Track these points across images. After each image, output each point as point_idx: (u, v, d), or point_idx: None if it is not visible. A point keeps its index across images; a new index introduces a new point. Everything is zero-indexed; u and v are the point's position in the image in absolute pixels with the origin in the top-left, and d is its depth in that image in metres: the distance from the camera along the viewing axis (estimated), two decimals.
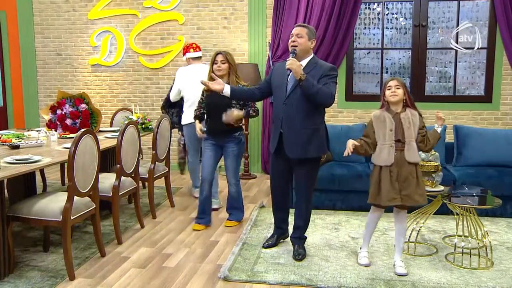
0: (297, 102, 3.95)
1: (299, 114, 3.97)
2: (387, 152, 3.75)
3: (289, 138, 4.01)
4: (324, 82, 3.90)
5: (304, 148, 4.01)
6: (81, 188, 3.86)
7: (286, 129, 4.01)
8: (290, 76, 3.99)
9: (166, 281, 3.74)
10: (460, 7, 7.18)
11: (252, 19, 7.46)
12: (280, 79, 4.08)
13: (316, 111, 4.02)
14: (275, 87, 4.14)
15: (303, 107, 3.95)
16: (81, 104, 5.64)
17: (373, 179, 3.84)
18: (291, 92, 3.97)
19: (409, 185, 3.77)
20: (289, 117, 3.99)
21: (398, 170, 3.75)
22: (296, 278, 3.77)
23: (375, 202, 3.85)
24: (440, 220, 5.12)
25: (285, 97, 4.00)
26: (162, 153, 5.50)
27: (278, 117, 4.07)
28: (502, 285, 3.70)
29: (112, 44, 7.92)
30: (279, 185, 4.34)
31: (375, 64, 7.50)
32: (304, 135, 3.99)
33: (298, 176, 4.21)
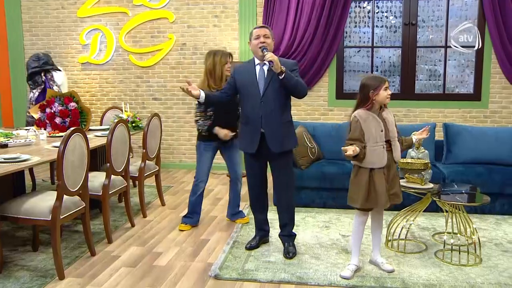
0: (274, 98, 4.03)
1: (277, 109, 4.06)
2: (381, 154, 3.66)
3: (272, 134, 4.07)
4: (295, 75, 4.03)
5: (285, 141, 4.12)
6: (70, 187, 3.84)
7: (267, 126, 4.06)
8: (259, 75, 4.06)
9: (156, 280, 3.73)
10: (449, 6, 7.22)
11: (243, 17, 7.45)
12: (249, 79, 4.11)
13: (288, 105, 4.19)
14: (244, 88, 4.15)
15: (279, 102, 4.06)
16: (71, 103, 5.61)
17: (362, 183, 3.68)
18: (266, 89, 4.03)
19: (396, 184, 3.78)
20: (269, 114, 4.05)
21: (388, 171, 3.74)
22: (287, 276, 3.77)
23: (368, 206, 3.73)
24: (429, 218, 5.14)
25: (260, 95, 4.04)
26: (152, 151, 5.48)
27: (256, 117, 4.08)
28: (490, 281, 3.72)
29: (102, 42, 7.87)
30: (257, 186, 4.35)
31: (365, 63, 7.51)
32: (283, 128, 4.11)
33: (278, 171, 4.23)
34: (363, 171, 3.69)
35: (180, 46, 7.70)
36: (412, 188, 4.33)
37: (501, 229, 4.83)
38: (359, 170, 3.73)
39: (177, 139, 7.90)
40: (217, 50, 4.94)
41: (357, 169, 3.74)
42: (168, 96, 7.83)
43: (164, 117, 7.71)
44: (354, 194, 3.75)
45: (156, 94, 7.85)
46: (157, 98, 7.86)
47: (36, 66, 6.98)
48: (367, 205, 3.71)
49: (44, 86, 7.01)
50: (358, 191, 3.70)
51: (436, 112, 7.25)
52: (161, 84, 7.81)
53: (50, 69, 7.11)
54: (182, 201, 5.96)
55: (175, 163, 7.94)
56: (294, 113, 7.08)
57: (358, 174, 3.73)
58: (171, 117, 7.85)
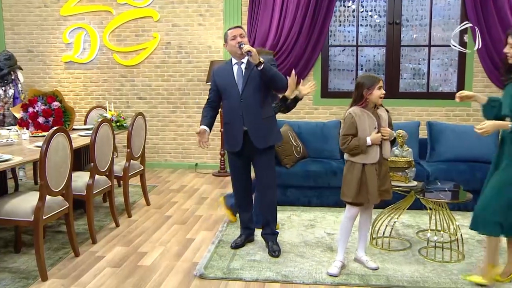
0: (253, 95, 4.08)
1: (257, 106, 4.10)
2: (374, 150, 3.72)
3: (254, 130, 4.10)
4: None
5: (268, 137, 4.17)
6: (53, 187, 3.80)
7: (250, 123, 4.09)
8: (237, 74, 4.11)
9: (141, 280, 3.71)
10: (433, 5, 7.26)
11: (228, 16, 7.43)
12: (228, 80, 4.17)
13: (268, 101, 4.22)
14: (224, 89, 4.20)
15: (259, 99, 4.11)
16: (54, 102, 5.55)
17: (354, 178, 3.73)
18: (244, 87, 4.08)
19: (387, 180, 3.83)
20: (249, 112, 4.09)
21: (380, 167, 3.78)
22: (272, 275, 3.78)
23: (359, 201, 3.77)
24: (413, 215, 5.17)
25: (240, 94, 4.09)
26: (137, 151, 5.45)
27: (237, 115, 4.12)
28: None
29: (86, 41, 7.81)
30: (242, 185, 4.36)
31: (350, 61, 7.53)
32: (266, 124, 4.15)
33: (260, 169, 4.24)
34: (355, 166, 3.75)
35: (165, 45, 7.66)
36: (396, 186, 4.34)
37: None
38: (351, 165, 3.78)
39: (162, 138, 7.86)
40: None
41: (350, 164, 3.80)
42: (153, 95, 7.79)
43: (149, 116, 7.68)
44: (346, 188, 3.81)
45: (141, 93, 7.81)
46: (142, 97, 7.81)
47: (12, 65, 6.92)
48: (359, 199, 3.76)
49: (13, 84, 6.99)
50: (350, 186, 3.76)
51: (420, 111, 7.29)
52: (146, 83, 7.77)
53: (16, 68, 7.06)
54: (167, 200, 5.94)
55: (160, 163, 7.91)
56: None
57: (351, 169, 3.78)
58: (156, 116, 7.81)
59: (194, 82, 7.65)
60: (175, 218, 5.24)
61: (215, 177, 7.26)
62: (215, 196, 6.16)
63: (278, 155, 5.37)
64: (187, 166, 7.83)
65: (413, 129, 5.82)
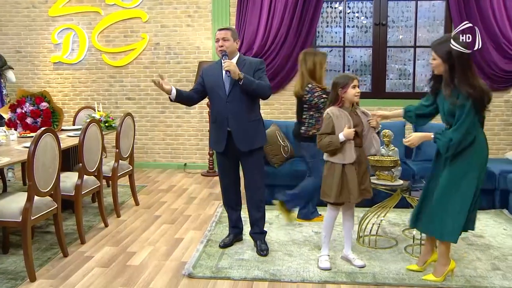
0: (239, 98, 4.06)
1: (243, 109, 4.08)
2: (350, 149, 3.74)
3: (238, 133, 4.09)
4: (259, 76, 4.08)
5: (253, 139, 4.15)
6: (41, 188, 3.77)
7: (235, 125, 4.08)
8: (225, 76, 4.07)
9: (130, 280, 3.69)
10: (418, 7, 7.31)
11: (216, 17, 7.42)
12: (216, 80, 4.15)
13: (255, 103, 4.20)
14: (211, 89, 4.19)
15: (245, 102, 4.08)
16: (42, 103, 5.53)
17: (335, 178, 3.75)
18: (231, 90, 4.07)
19: (366, 179, 3.86)
20: (235, 114, 4.08)
21: (359, 166, 3.80)
22: (260, 273, 3.77)
23: (340, 201, 3.79)
24: (400, 214, 5.19)
25: (226, 96, 4.08)
26: (125, 151, 5.42)
27: (222, 116, 4.11)
28: (457, 273, 3.78)
29: (74, 41, 7.76)
30: (230, 184, 4.35)
31: (337, 62, 7.55)
32: (251, 127, 4.13)
33: (248, 169, 4.24)
34: (336, 167, 3.76)
35: (154, 45, 7.64)
36: (382, 185, 4.37)
37: None
38: (331, 166, 3.79)
39: (151, 138, 7.84)
40: (314, 50, 4.91)
41: (330, 165, 3.81)
42: (141, 95, 7.76)
43: (138, 117, 7.65)
44: (327, 189, 3.81)
45: (130, 93, 7.77)
46: (131, 98, 7.78)
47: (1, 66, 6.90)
48: (340, 199, 3.78)
49: None
50: (331, 186, 3.77)
51: None
52: (134, 84, 7.74)
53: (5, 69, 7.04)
54: (156, 200, 5.92)
55: (149, 163, 7.88)
56: (267, 112, 7.15)
57: (331, 170, 3.79)
58: (145, 116, 7.79)
59: (183, 82, 7.62)
60: (164, 218, 5.22)
61: (204, 177, 7.24)
62: (204, 195, 6.16)
63: (266, 155, 5.37)
64: (176, 166, 7.81)
65: (399, 128, 5.84)
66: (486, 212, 5.42)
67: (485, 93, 3.34)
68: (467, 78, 3.33)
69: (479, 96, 3.31)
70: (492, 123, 7.28)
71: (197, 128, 7.71)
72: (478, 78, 3.40)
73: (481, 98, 3.33)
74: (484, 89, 3.34)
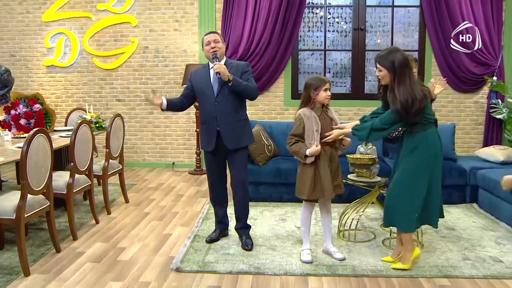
0: (227, 99, 4.10)
1: (231, 109, 4.12)
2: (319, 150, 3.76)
3: (227, 132, 4.12)
4: (246, 78, 4.13)
5: (240, 138, 4.18)
6: (34, 186, 3.74)
7: (223, 125, 4.11)
8: (213, 78, 4.11)
9: (120, 274, 3.67)
10: (394, 13, 7.36)
11: (202, 22, 7.41)
12: (204, 83, 4.18)
13: (242, 104, 4.22)
14: (200, 91, 4.21)
15: (233, 103, 4.12)
16: (35, 104, 5.50)
17: (308, 175, 3.78)
18: (219, 91, 4.09)
19: (338, 176, 3.88)
20: (223, 114, 4.10)
21: (331, 164, 3.82)
22: (245, 267, 3.78)
23: (314, 197, 3.83)
24: (377, 209, 5.20)
25: (215, 97, 4.10)
26: (115, 150, 5.39)
27: (211, 117, 4.13)
28: (430, 264, 3.84)
29: (67, 45, 7.70)
30: (217, 181, 4.37)
31: (318, 65, 7.58)
32: (238, 127, 4.16)
33: (235, 167, 4.25)
34: (307, 165, 3.79)
35: (143, 49, 7.61)
36: (361, 182, 4.40)
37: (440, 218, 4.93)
38: (304, 164, 3.82)
39: (140, 138, 7.80)
40: None
41: (303, 164, 3.83)
42: (131, 97, 7.72)
43: (127, 118, 7.62)
44: (301, 186, 3.85)
45: (120, 95, 7.73)
46: (121, 100, 7.74)
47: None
48: (314, 195, 3.81)
49: None
50: (305, 183, 3.80)
51: None
52: (124, 86, 7.70)
53: None
54: (145, 198, 5.90)
55: (138, 162, 7.84)
56: (251, 112, 7.15)
57: (305, 168, 3.81)
58: (134, 117, 7.75)
59: (171, 84, 7.61)
60: (152, 215, 5.20)
61: (191, 175, 7.23)
62: (191, 193, 6.15)
63: (251, 154, 5.38)
64: (164, 165, 7.79)
65: None
66: (457, 206, 5.49)
67: (417, 100, 3.45)
68: (405, 85, 3.49)
69: (406, 103, 3.45)
70: (463, 123, 7.37)
71: (185, 129, 7.69)
72: (417, 85, 3.54)
73: (406, 106, 3.45)
74: (416, 97, 3.45)
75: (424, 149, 3.58)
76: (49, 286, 3.47)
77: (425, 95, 3.51)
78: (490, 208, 5.21)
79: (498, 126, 7.09)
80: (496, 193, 5.03)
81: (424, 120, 3.57)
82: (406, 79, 3.50)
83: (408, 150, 3.63)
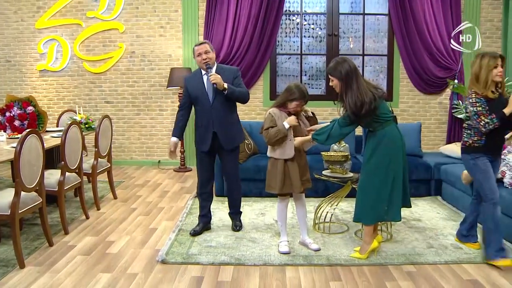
0: (221, 104, 4.18)
1: (225, 113, 4.21)
2: (290, 147, 3.80)
3: (222, 133, 4.21)
4: (237, 83, 4.22)
5: (234, 138, 4.32)
6: (27, 184, 3.72)
7: (219, 128, 4.19)
8: (207, 85, 4.18)
9: (109, 266, 3.67)
10: (365, 20, 7.43)
11: (186, 28, 7.39)
12: (200, 90, 4.22)
13: (234, 107, 4.34)
14: (196, 98, 4.25)
15: (227, 107, 4.22)
16: (29, 107, 5.45)
17: (278, 172, 3.82)
18: (214, 98, 4.17)
19: (307, 171, 3.93)
20: (218, 118, 4.19)
21: (300, 160, 3.87)
22: (226, 259, 3.79)
23: (284, 191, 3.86)
24: (351, 202, 5.22)
25: (211, 103, 4.17)
26: (104, 150, 5.36)
27: (208, 120, 4.20)
28: (398, 252, 3.91)
29: (58, 51, 7.62)
30: (207, 178, 4.41)
31: (295, 68, 7.61)
32: (232, 128, 4.30)
33: (228, 163, 4.39)
34: (278, 161, 3.84)
35: (130, 54, 7.56)
36: (334, 177, 4.44)
37: (408, 209, 4.96)
38: (275, 161, 3.86)
39: (128, 138, 7.76)
40: (486, 52, 3.72)
41: (273, 160, 3.88)
42: (119, 99, 7.67)
43: (115, 119, 7.58)
44: (271, 182, 3.89)
45: (108, 97, 7.68)
46: (109, 101, 7.69)
47: None
48: (284, 190, 3.85)
49: None
50: (276, 179, 3.84)
51: None
52: (112, 89, 7.65)
53: None
54: (132, 194, 5.87)
55: (126, 160, 7.80)
56: None
57: (275, 165, 3.86)
58: (122, 118, 7.70)
59: (156, 87, 7.59)
60: (139, 210, 5.19)
61: (176, 173, 7.22)
62: (176, 189, 6.14)
63: None
64: (151, 163, 7.76)
65: None
66: (423, 199, 5.57)
67: (366, 103, 3.52)
68: (353, 90, 3.57)
69: (354, 106, 3.54)
70: (428, 122, 7.47)
71: (170, 129, 7.65)
72: (366, 89, 3.59)
73: (355, 109, 3.54)
74: (365, 100, 3.52)
75: (384, 146, 3.64)
76: (43, 277, 3.45)
77: (375, 97, 3.55)
78: (452, 200, 5.30)
79: (460, 125, 7.21)
80: (457, 186, 5.12)
81: (381, 119, 3.63)
82: (353, 85, 3.58)
83: (370, 149, 3.70)
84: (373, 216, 3.70)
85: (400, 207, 3.72)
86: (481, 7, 7.20)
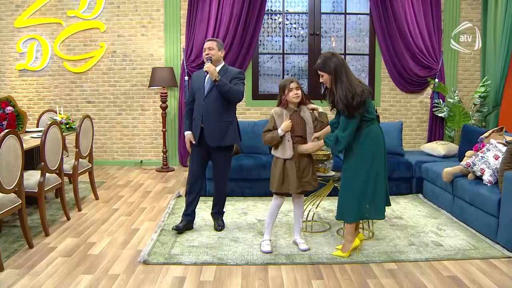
0: (214, 100, 4.23)
1: (216, 110, 4.24)
2: (289, 147, 3.81)
3: (209, 130, 4.25)
4: (235, 83, 4.29)
5: (221, 138, 4.30)
6: (6, 185, 3.66)
7: (206, 123, 4.24)
8: (207, 80, 4.27)
9: (90, 267, 3.63)
10: (347, 20, 7.46)
11: (168, 27, 7.35)
12: (199, 83, 4.34)
13: (229, 107, 4.34)
14: (195, 91, 4.37)
15: (219, 104, 4.25)
16: (7, 107, 5.37)
17: (277, 171, 3.84)
18: (208, 92, 4.25)
19: (308, 173, 3.91)
20: (208, 113, 4.24)
21: (300, 161, 3.86)
22: (209, 258, 3.78)
23: (281, 191, 3.87)
24: (333, 201, 5.25)
25: (203, 97, 4.25)
26: (85, 150, 5.31)
27: (199, 114, 4.29)
28: (380, 250, 3.95)
29: (38, 50, 7.51)
30: (196, 175, 4.42)
31: (277, 67, 7.62)
32: (221, 127, 4.28)
33: (217, 162, 4.43)
34: (278, 161, 3.86)
35: (111, 53, 7.49)
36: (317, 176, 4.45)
37: (389, 208, 4.97)
38: (276, 160, 3.89)
39: (109, 138, 7.69)
40: None
41: (275, 159, 3.90)
42: (100, 99, 7.60)
43: (97, 119, 7.51)
44: (272, 179, 3.92)
45: (90, 97, 7.60)
46: (90, 101, 7.61)
47: None
48: (281, 189, 3.86)
49: None
50: (275, 178, 3.87)
51: None
52: (94, 89, 7.57)
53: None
54: (114, 195, 5.82)
55: (108, 160, 7.73)
56: None
57: (275, 163, 3.89)
58: (103, 118, 7.63)
59: (138, 87, 7.53)
60: (121, 211, 5.14)
61: (158, 173, 7.17)
62: (158, 189, 6.11)
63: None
64: (133, 163, 7.70)
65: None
66: (405, 197, 5.63)
67: (357, 94, 3.54)
68: (343, 83, 3.60)
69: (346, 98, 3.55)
70: (410, 121, 7.54)
71: (152, 129, 7.62)
72: (354, 82, 3.62)
73: (347, 101, 3.55)
74: (356, 91, 3.55)
75: (368, 144, 3.68)
76: (23, 280, 3.40)
77: (363, 91, 3.58)
78: (433, 197, 5.36)
79: (440, 124, 7.29)
80: (438, 184, 5.18)
81: (368, 117, 3.67)
82: (343, 78, 3.61)
83: (354, 147, 3.71)
84: (355, 214, 3.72)
85: (384, 205, 3.77)
86: (460, 7, 7.28)
